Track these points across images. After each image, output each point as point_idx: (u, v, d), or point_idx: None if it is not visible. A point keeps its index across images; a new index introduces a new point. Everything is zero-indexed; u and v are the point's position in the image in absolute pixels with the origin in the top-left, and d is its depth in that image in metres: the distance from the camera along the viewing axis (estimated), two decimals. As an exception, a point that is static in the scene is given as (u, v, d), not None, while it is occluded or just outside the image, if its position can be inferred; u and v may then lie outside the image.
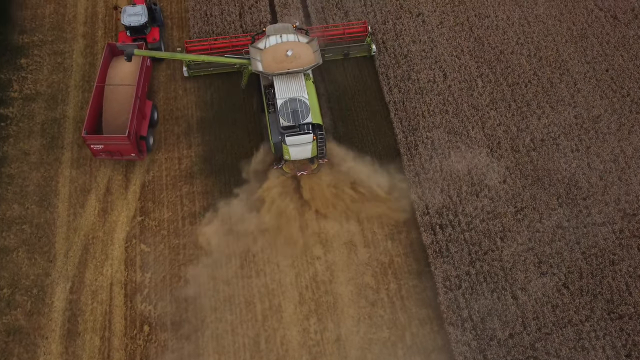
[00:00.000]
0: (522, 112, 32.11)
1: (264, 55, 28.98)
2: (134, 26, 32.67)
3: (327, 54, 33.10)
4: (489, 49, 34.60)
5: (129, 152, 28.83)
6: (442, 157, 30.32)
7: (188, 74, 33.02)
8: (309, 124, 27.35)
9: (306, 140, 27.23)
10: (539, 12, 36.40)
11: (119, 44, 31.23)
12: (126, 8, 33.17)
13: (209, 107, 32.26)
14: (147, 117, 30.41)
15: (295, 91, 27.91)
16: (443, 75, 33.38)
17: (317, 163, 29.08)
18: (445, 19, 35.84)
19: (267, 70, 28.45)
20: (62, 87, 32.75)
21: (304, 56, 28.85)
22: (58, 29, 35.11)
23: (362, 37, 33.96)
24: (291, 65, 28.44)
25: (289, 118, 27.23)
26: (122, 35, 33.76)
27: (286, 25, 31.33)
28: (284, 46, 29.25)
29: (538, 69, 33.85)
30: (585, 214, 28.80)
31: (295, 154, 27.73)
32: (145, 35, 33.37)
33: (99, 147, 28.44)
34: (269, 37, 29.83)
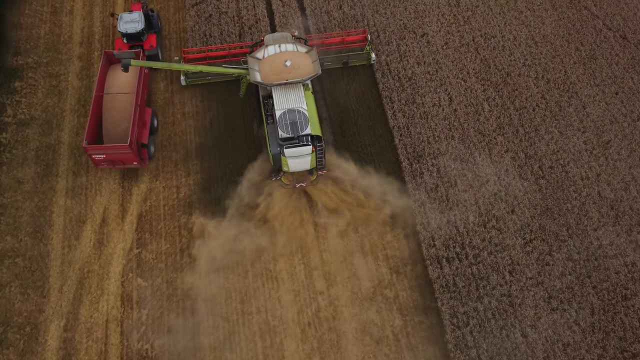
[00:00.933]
0: (530, 137, 31.23)
1: (263, 65, 28.32)
2: (130, 33, 32.00)
3: (327, 63, 32.48)
4: (495, 71, 33.72)
5: (131, 161, 28.33)
6: (449, 186, 29.43)
7: (186, 82, 32.35)
8: (307, 136, 26.68)
9: (305, 152, 26.61)
10: (547, 32, 35.52)
11: (116, 52, 30.44)
12: (123, 15, 32.55)
13: (208, 132, 31.36)
14: (147, 124, 29.96)
15: (294, 102, 27.33)
16: (449, 98, 32.50)
17: (316, 174, 28.37)
18: (450, 39, 34.96)
19: (266, 80, 27.85)
20: (57, 112, 31.85)
21: (303, 66, 28.22)
22: (53, 50, 34.20)
23: (362, 45, 33.32)
24: (290, 76, 27.82)
25: (287, 129, 26.60)
26: (118, 42, 33.10)
27: (285, 34, 30.75)
28: (283, 56, 28.59)
29: (546, 92, 32.97)
30: (596, 245, 27.93)
31: (294, 166, 27.12)
32: (142, 42, 32.70)
33: (101, 157, 27.91)
34: (268, 46, 29.23)
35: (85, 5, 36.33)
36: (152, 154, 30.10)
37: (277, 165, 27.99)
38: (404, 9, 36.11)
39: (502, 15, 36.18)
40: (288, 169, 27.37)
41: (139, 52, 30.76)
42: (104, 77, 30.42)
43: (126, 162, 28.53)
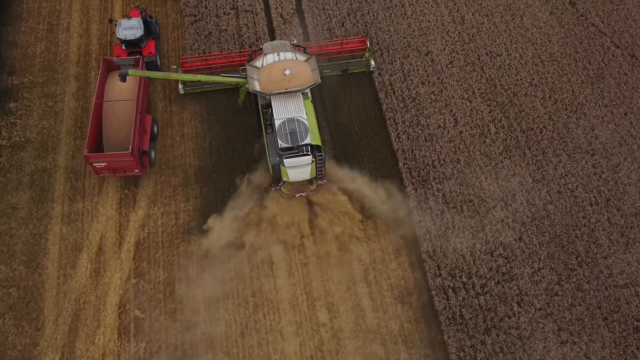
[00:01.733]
0: (537, 160, 30.49)
1: (261, 74, 27.93)
2: (129, 40, 31.42)
3: (326, 70, 32.14)
4: (501, 91, 32.98)
5: (132, 168, 28.06)
6: (454, 212, 28.69)
7: (184, 91, 31.98)
8: (307, 145, 26.35)
9: (305, 162, 26.29)
10: (553, 50, 34.78)
11: (115, 59, 30.42)
12: (121, 21, 32.06)
13: (208, 154, 30.60)
14: (147, 131, 29.63)
15: (294, 111, 26.98)
16: (454, 119, 31.75)
17: (315, 184, 27.99)
18: (455, 57, 34.21)
19: (265, 90, 27.49)
20: (53, 134, 31.09)
21: (302, 75, 27.83)
22: (49, 70, 33.43)
23: (361, 52, 32.91)
24: (289, 85, 27.46)
25: (287, 139, 26.26)
26: (117, 48, 32.49)
27: (284, 42, 30.31)
28: (282, 64, 28.19)
29: (553, 113, 32.23)
30: (606, 274, 27.20)
31: (294, 176, 26.78)
32: (141, 48, 32.18)
33: (102, 165, 27.56)
34: (266, 55, 28.76)
35: (82, 22, 35.56)
36: (153, 161, 29.89)
37: (276, 174, 27.52)
38: (408, 26, 35.37)
39: (507, 33, 35.44)
40: (288, 179, 26.92)
41: (138, 59, 30.52)
42: (103, 85, 30.09)
43: (127, 170, 28.20)
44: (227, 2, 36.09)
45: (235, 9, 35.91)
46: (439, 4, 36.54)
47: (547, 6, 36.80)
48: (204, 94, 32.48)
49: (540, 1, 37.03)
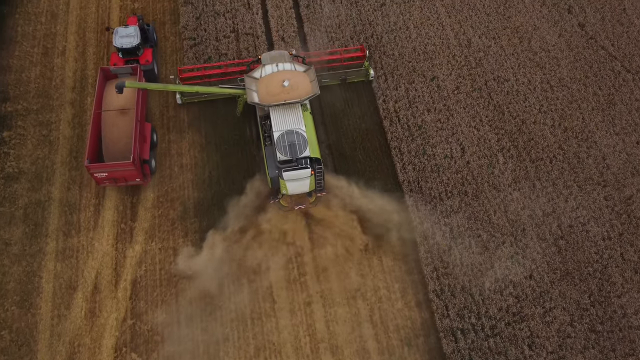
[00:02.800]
0: (547, 192, 29.53)
1: (260, 85, 27.58)
2: (126, 48, 31.12)
3: (324, 79, 31.87)
4: (509, 118, 32.03)
5: (133, 178, 27.92)
6: (462, 248, 27.73)
7: (181, 101, 31.72)
8: (306, 158, 25.99)
9: (304, 175, 25.91)
10: (562, 75, 33.83)
11: (113, 68, 30.30)
12: (118, 29, 31.53)
13: (207, 186, 29.63)
14: (147, 139, 29.42)
15: (292, 123, 26.67)
16: (461, 149, 30.80)
17: (314, 196, 27.64)
18: (461, 83, 33.26)
19: (263, 101, 27.12)
20: (48, 164, 30.12)
21: (301, 86, 27.41)
22: (44, 96, 32.46)
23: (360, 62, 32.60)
24: (288, 97, 27.03)
25: (286, 152, 25.90)
26: (114, 56, 32.00)
27: (282, 52, 29.85)
28: (280, 75, 27.79)
29: (563, 142, 31.28)
30: (620, 314, 26.25)
31: (293, 188, 26.40)
32: (138, 56, 31.84)
33: (103, 175, 27.33)
34: (265, 66, 28.36)
35: (78, 46, 34.60)
36: (153, 170, 29.71)
37: (275, 187, 27.09)
38: (413, 50, 34.41)
39: (515, 57, 34.50)
40: (287, 191, 26.53)
41: (136, 67, 30.24)
42: (101, 94, 29.68)
43: (129, 180, 28.05)
44: (227, 25, 35.15)
45: (235, 32, 34.97)
46: (445, 27, 35.60)
47: (555, 28, 35.85)
48: (203, 120, 31.60)
49: (549, 23, 36.09)
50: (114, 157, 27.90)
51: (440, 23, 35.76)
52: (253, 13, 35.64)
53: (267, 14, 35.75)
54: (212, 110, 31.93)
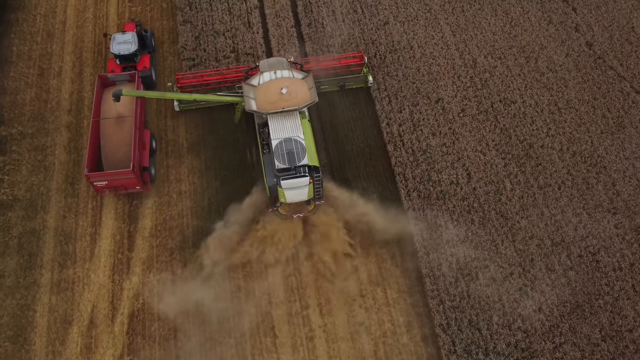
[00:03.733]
0: (556, 220, 28.74)
1: (258, 92, 27.35)
2: (123, 55, 30.96)
3: (323, 86, 31.76)
4: (516, 142, 31.24)
5: (133, 185, 27.78)
6: (469, 279, 26.94)
7: (179, 108, 31.46)
8: (305, 166, 25.74)
9: (303, 184, 25.65)
10: (570, 97, 33.05)
11: (110, 75, 30.09)
12: (115, 36, 31.43)
13: (207, 214, 28.82)
14: (147, 146, 29.21)
15: (291, 130, 26.43)
16: (467, 175, 30.01)
17: (313, 204, 27.30)
18: (467, 105, 32.47)
19: (261, 109, 26.87)
20: (43, 191, 29.33)
21: (299, 94, 27.18)
22: (40, 119, 31.68)
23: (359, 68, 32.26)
24: (286, 104, 26.82)
25: (284, 160, 25.66)
26: (111, 63, 31.87)
27: (280, 59, 29.63)
28: (278, 83, 27.54)
29: (572, 167, 30.50)
30: (632, 350, 25.45)
31: (292, 197, 26.06)
32: (135, 63, 31.66)
33: (103, 184, 27.19)
34: (263, 73, 28.18)
35: (74, 67, 33.81)
36: (153, 177, 29.45)
37: (273, 195, 26.73)
38: (417, 71, 33.63)
39: (522, 77, 33.72)
40: (285, 200, 26.17)
41: (134, 74, 30.15)
42: (99, 102, 29.41)
43: (129, 187, 27.92)
44: (227, 45, 34.38)
45: (235, 51, 34.20)
46: (449, 46, 34.83)
47: (562, 48, 35.08)
48: (202, 144, 30.86)
49: (556, 42, 35.32)
50: (114, 165, 27.64)
51: (444, 42, 34.99)
52: (253, 32, 34.88)
53: (268, 33, 34.99)
54: (213, 136, 31.16)
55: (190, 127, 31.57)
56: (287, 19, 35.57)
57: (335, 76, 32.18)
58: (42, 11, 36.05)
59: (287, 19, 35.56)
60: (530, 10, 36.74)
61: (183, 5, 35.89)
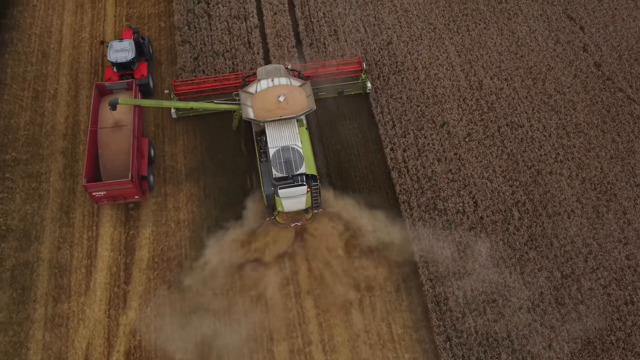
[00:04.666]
0: (565, 251, 27.90)
1: (255, 100, 27.25)
2: (120, 62, 30.63)
3: (321, 92, 31.58)
4: (524, 169, 30.39)
5: (132, 195, 27.60)
6: (477, 315, 26.11)
7: (177, 115, 31.13)
8: (302, 175, 25.62)
9: (300, 193, 25.57)
10: (579, 120, 32.21)
11: (108, 84, 29.84)
12: (112, 43, 30.99)
13: (206, 245, 27.94)
14: (145, 155, 28.86)
15: (288, 139, 26.38)
16: (474, 203, 29.17)
17: (311, 213, 27.23)
18: (473, 129, 31.62)
19: (258, 117, 26.82)
20: (37, 221, 28.48)
21: (297, 101, 27.14)
22: (34, 144, 30.82)
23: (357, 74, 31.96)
24: (283, 112, 26.72)
25: (281, 169, 25.61)
26: (108, 70, 31.42)
27: (278, 66, 29.40)
28: (276, 90, 27.43)
29: (581, 194, 29.66)
30: (646, 389, 24.64)
31: (289, 206, 26.03)
32: (132, 71, 31.29)
33: (101, 194, 26.92)
34: (260, 80, 28.05)
35: (70, 89, 32.95)
36: (152, 185, 29.15)
37: (271, 204, 26.55)
38: (421, 93, 32.79)
39: (529, 100, 32.88)
40: (282, 209, 26.11)
41: (131, 83, 29.84)
42: (97, 111, 29.01)
43: (127, 197, 27.73)
44: (226, 66, 33.53)
45: (235, 73, 33.29)
46: (454, 67, 33.99)
47: (570, 69, 34.24)
48: (201, 170, 30.04)
49: (563, 63, 34.48)
50: (112, 175, 27.27)
51: (449, 63, 34.15)
52: (254, 53, 34.05)
53: (269, 53, 34.16)
54: (212, 162, 30.33)
55: (189, 152, 30.73)
56: (288, 38, 34.74)
57: (334, 82, 31.84)
58: (37, 31, 35.19)
59: (288, 38, 34.72)
60: (537, 29, 35.90)
61: (181, 24, 35.05)
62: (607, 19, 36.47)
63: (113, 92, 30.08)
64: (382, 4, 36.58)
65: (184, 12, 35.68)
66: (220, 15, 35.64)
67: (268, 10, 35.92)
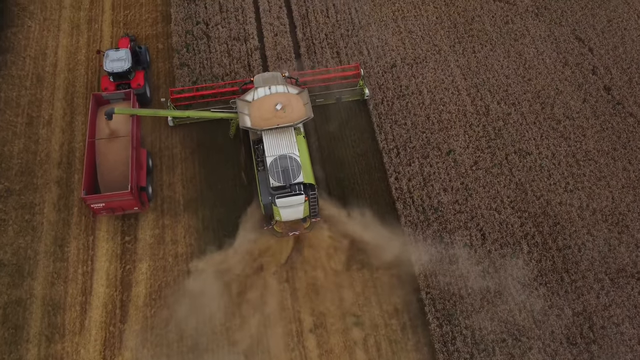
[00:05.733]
0: (576, 287, 26.99)
1: (252, 108, 26.95)
2: (117, 72, 30.36)
3: (319, 99, 31.45)
4: (533, 199, 29.47)
5: (131, 206, 27.44)
6: (485, 355, 25.19)
7: (173, 123, 30.97)
8: (300, 184, 25.33)
9: (298, 202, 25.42)
10: (589, 147, 31.29)
11: (105, 94, 29.62)
12: (109, 52, 30.74)
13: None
14: (143, 166, 28.57)
15: (286, 147, 25.99)
16: (481, 236, 28.26)
17: (309, 222, 27.00)
18: (480, 157, 30.71)
19: (255, 125, 26.53)
20: (30, 255, 27.58)
21: (295, 109, 26.85)
22: (28, 173, 29.91)
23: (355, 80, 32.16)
24: (280, 121, 26.47)
25: (279, 178, 25.25)
26: (104, 80, 31.12)
27: (275, 74, 29.23)
28: (273, 99, 27.15)
29: (592, 226, 28.74)
30: None
31: (287, 215, 25.92)
32: (129, 80, 31.03)
33: (100, 206, 26.73)
34: (257, 88, 27.74)
35: (65, 114, 32.03)
36: (151, 196, 28.89)
37: (268, 213, 26.46)
38: (427, 119, 31.89)
39: (537, 126, 31.96)
40: (280, 218, 26.00)
41: (129, 93, 29.58)
42: (94, 122, 28.84)
43: (126, 208, 27.58)
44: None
45: (235, 98, 32.40)
46: (460, 91, 33.08)
47: (579, 92, 33.32)
48: (200, 201, 29.13)
49: (572, 86, 33.56)
50: (111, 186, 27.03)
51: (455, 87, 33.23)
52: (254, 75, 33.03)
53: (270, 77, 33.17)
54: (211, 192, 29.42)
55: (187, 182, 29.83)
56: (290, 61, 33.86)
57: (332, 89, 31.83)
58: (32, 53, 34.28)
59: (289, 61, 33.84)
60: (544, 51, 34.99)
61: (180, 47, 34.15)
62: (616, 39, 35.54)
63: (110, 102, 29.63)
64: (385, 24, 35.68)
65: (183, 34, 34.79)
66: (220, 36, 34.75)
67: (269, 32, 35.03)
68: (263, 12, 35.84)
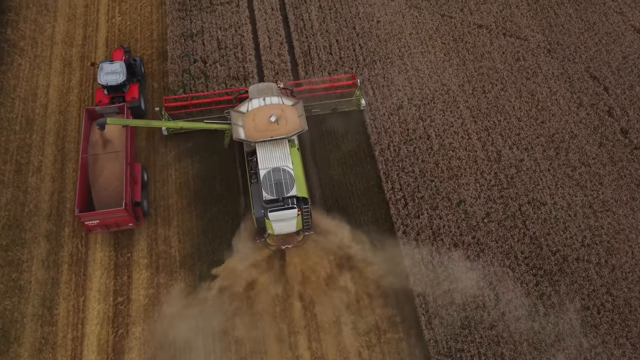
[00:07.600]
0: (596, 353, 25.46)
1: (246, 120, 26.71)
2: (111, 85, 29.95)
3: (315, 110, 30.98)
4: (548, 254, 27.93)
5: (126, 223, 27.04)
6: None
7: (167, 132, 30.64)
8: (293, 198, 25.22)
9: (290, 216, 25.17)
10: (606, 197, 29.74)
11: (98, 108, 29.14)
12: (103, 65, 30.34)
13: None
14: (138, 181, 28.25)
15: (279, 160, 25.86)
16: (495, 297, 26.71)
17: (302, 235, 26.71)
18: (492, 208, 29.17)
19: (249, 137, 26.33)
20: (17, 318, 26.07)
21: (289, 121, 26.61)
22: (15, 227, 28.40)
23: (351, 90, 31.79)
24: (274, 133, 26.24)
25: (272, 191, 25.15)
26: (99, 93, 30.74)
27: (270, 85, 28.96)
28: (267, 110, 26.92)
29: (611, 285, 27.20)
30: None
31: (279, 229, 25.61)
32: (123, 93, 30.62)
33: (94, 223, 26.32)
34: (252, 100, 27.57)
35: (56, 161, 30.56)
36: (146, 211, 28.43)
37: (261, 226, 26.10)
38: (435, 166, 30.36)
39: (551, 173, 30.42)
40: (273, 232, 25.71)
41: (123, 107, 29.09)
42: (88, 137, 28.39)
43: (121, 225, 27.15)
44: (224, 136, 31.07)
45: (234, 141, 30.93)
46: (471, 135, 31.55)
47: (595, 136, 31.78)
48: (196, 263, 27.59)
49: (587, 129, 32.02)
50: (105, 202, 26.55)
51: (465, 130, 31.71)
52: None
53: (270, 120, 31.65)
54: (209, 248, 27.89)
55: (183, 235, 28.33)
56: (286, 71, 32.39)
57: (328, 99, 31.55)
58: (21, 94, 32.77)
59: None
60: (558, 90, 33.46)
61: (176, 87, 32.66)
62: (632, 78, 34.02)
63: (104, 116, 28.71)
64: (391, 62, 34.17)
65: (179, 73, 33.30)
66: (218, 76, 33.25)
67: (269, 70, 33.53)
68: (263, 49, 34.35)
